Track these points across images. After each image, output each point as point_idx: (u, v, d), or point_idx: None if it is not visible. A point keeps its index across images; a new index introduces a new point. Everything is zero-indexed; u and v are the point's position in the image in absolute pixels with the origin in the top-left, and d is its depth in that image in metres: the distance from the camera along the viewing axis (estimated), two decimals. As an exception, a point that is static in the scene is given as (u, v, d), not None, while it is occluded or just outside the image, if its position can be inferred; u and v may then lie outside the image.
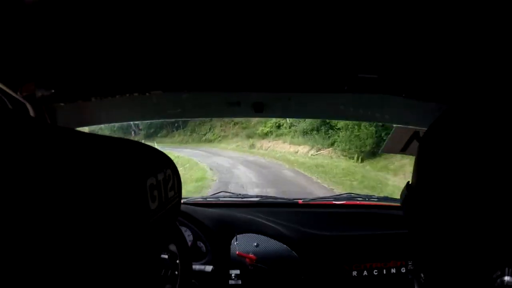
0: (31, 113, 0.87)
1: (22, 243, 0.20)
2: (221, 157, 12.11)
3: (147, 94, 0.89)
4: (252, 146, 14.92)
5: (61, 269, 0.22)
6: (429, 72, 0.82)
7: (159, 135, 23.18)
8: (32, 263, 0.20)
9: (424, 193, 0.35)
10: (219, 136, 18.88)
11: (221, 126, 18.89)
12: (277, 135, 14.26)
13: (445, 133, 0.34)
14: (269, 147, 13.90)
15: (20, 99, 0.83)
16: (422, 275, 0.36)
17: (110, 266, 0.26)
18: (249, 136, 16.05)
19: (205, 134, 20.06)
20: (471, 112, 0.32)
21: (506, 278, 0.27)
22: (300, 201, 1.39)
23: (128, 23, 0.65)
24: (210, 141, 19.01)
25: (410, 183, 0.39)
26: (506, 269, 0.27)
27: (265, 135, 15.00)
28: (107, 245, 0.26)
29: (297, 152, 11.87)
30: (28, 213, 0.20)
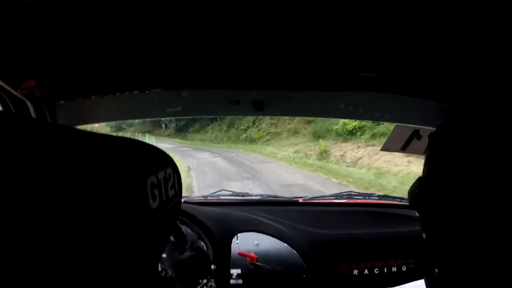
0: (31, 111, 0.87)
1: (22, 243, 0.20)
2: (254, 183, 5.69)
3: (147, 92, 0.89)
4: (324, 154, 7.93)
5: (61, 269, 0.22)
6: (429, 71, 0.82)
7: (190, 129, 19.23)
8: (32, 263, 0.20)
9: (437, 186, 0.35)
10: (267, 134, 12.03)
11: (271, 119, 11.61)
12: (374, 135, 7.16)
13: (459, 127, 0.34)
14: (359, 158, 6.98)
15: (20, 96, 0.83)
16: (436, 270, 0.36)
17: (110, 266, 0.26)
18: (317, 135, 8.98)
19: (246, 130, 13.78)
20: (484, 108, 0.33)
21: None
22: (301, 200, 1.40)
23: (128, 21, 0.65)
24: (252, 140, 12.63)
25: (421, 177, 0.39)
26: None
27: (350, 134, 7.95)
28: (108, 244, 0.26)
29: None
30: (28, 212, 0.20)
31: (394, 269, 1.17)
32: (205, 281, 0.97)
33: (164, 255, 1.03)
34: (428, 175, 0.37)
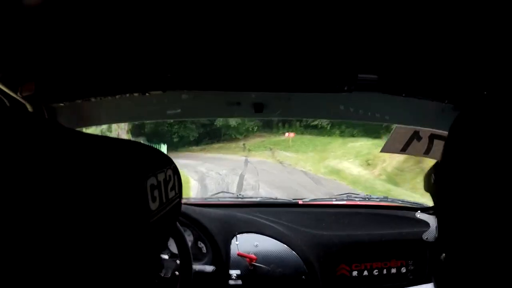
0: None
1: (21, 244, 0.20)
2: None
3: (147, 94, 0.89)
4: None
5: (61, 270, 0.22)
6: (429, 71, 0.82)
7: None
8: (31, 264, 0.20)
9: (454, 171, 0.35)
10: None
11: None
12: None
13: (483, 115, 0.34)
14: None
15: (20, 99, 0.83)
16: (444, 255, 0.36)
17: (110, 267, 0.26)
18: None
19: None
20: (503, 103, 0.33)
21: None
22: (300, 201, 1.39)
23: (128, 23, 0.65)
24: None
25: (438, 162, 0.39)
26: None
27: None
28: (107, 245, 0.26)
29: None
30: (27, 213, 0.20)
31: (393, 270, 1.16)
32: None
33: (164, 256, 1.03)
34: (445, 160, 0.37)
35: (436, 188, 0.39)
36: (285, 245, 1.14)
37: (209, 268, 1.04)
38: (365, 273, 1.16)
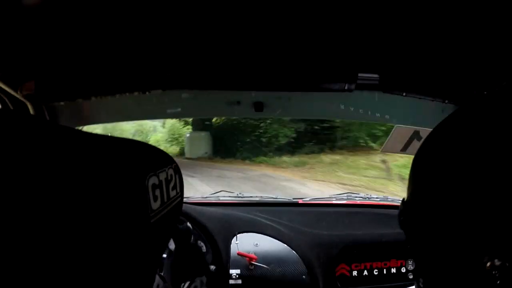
0: (31, 112, 0.87)
1: (21, 244, 0.20)
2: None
3: (147, 93, 0.89)
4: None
5: (61, 270, 0.22)
6: (430, 70, 0.82)
7: None
8: (31, 264, 0.20)
9: (420, 206, 0.34)
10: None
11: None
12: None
13: (442, 145, 0.32)
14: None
15: (20, 98, 0.83)
16: (421, 280, 0.35)
17: (111, 266, 0.26)
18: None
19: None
20: (471, 121, 0.31)
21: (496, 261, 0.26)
22: (300, 201, 1.39)
23: (128, 22, 0.65)
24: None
25: (405, 198, 0.38)
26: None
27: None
28: (109, 245, 0.26)
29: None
30: (28, 213, 0.20)
31: (393, 270, 1.16)
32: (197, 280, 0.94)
33: (164, 255, 1.03)
34: (412, 198, 0.36)
35: (405, 225, 0.38)
36: (285, 245, 1.14)
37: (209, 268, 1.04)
38: (365, 273, 1.16)
